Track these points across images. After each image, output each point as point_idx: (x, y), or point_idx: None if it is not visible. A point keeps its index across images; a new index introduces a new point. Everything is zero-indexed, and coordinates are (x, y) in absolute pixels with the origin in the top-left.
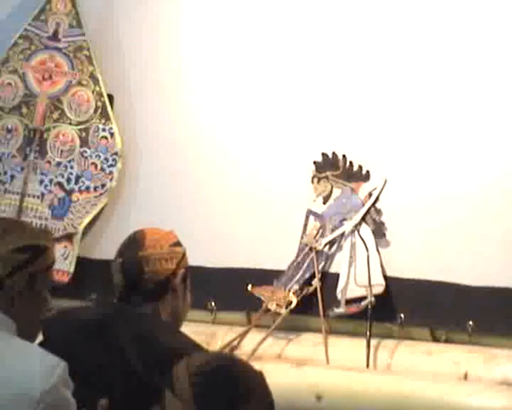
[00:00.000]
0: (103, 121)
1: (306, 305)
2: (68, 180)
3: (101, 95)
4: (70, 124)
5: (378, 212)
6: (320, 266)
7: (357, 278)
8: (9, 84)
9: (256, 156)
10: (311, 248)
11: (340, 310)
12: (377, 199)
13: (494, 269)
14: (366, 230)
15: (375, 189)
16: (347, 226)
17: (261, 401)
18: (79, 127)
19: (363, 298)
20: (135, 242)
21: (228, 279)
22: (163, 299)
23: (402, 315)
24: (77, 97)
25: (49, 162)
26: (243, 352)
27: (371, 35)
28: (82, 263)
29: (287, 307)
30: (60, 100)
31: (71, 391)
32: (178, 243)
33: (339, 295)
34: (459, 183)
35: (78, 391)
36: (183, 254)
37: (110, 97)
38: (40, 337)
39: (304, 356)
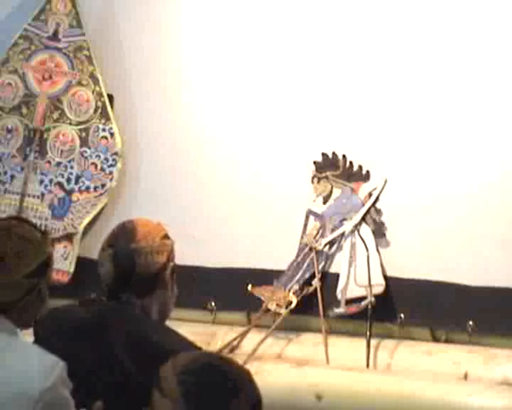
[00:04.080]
0: (103, 121)
1: (306, 305)
2: (68, 180)
3: (101, 95)
4: (70, 124)
5: (378, 212)
6: (320, 266)
7: (357, 278)
8: (9, 84)
9: (256, 156)
10: (311, 248)
11: (340, 310)
12: (377, 199)
13: (494, 269)
14: (366, 230)
15: (375, 189)
16: (347, 226)
17: (250, 396)
18: (79, 127)
19: (363, 298)
20: (126, 233)
21: (228, 279)
22: (153, 293)
23: (402, 315)
24: (77, 97)
25: (49, 162)
26: (243, 352)
27: (371, 35)
28: (82, 263)
29: (287, 307)
30: (60, 100)
31: (69, 390)
32: (167, 236)
33: (339, 295)
34: (459, 183)
35: (73, 391)
36: (172, 247)
37: (110, 97)
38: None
39: (304, 356)
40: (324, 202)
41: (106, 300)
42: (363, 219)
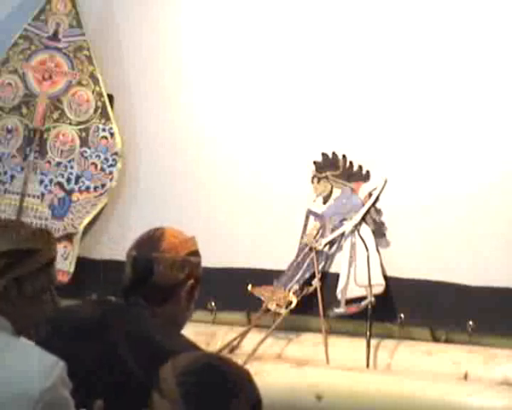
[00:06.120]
0: (103, 121)
1: (306, 305)
2: (68, 180)
3: (101, 95)
4: (70, 124)
5: (378, 212)
6: (320, 266)
7: (357, 278)
8: (9, 84)
9: (256, 156)
10: (311, 248)
11: (340, 310)
12: (377, 199)
13: (494, 269)
14: (366, 230)
15: (375, 189)
16: (347, 226)
17: (250, 397)
18: (79, 127)
19: (363, 298)
20: (153, 240)
21: (228, 279)
22: (164, 305)
23: (402, 315)
24: (77, 97)
25: (49, 162)
26: (243, 352)
27: (371, 35)
28: (82, 263)
29: (287, 307)
30: (60, 100)
31: (69, 390)
32: (195, 253)
33: (339, 295)
34: (459, 183)
35: (73, 391)
36: (197, 265)
37: (110, 97)
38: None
39: (304, 356)
40: (324, 202)
41: (114, 300)
42: (363, 219)
